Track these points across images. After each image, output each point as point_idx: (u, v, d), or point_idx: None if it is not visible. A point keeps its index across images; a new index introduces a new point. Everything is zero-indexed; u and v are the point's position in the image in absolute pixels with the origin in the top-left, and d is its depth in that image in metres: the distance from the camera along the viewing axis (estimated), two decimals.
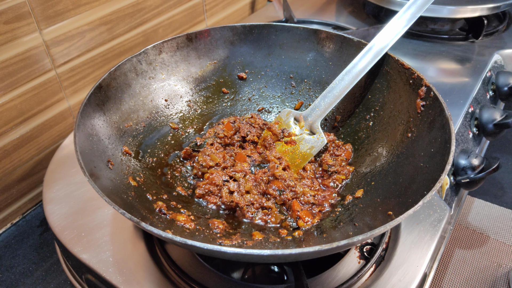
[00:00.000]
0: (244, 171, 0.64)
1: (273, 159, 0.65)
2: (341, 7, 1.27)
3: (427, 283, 0.61)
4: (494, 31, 1.10)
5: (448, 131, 0.53)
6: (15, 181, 0.79)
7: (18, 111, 0.74)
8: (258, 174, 0.63)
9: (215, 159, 0.66)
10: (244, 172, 0.64)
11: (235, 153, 0.68)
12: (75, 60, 0.81)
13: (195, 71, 0.76)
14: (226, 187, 0.62)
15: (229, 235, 0.56)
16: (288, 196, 0.61)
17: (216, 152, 0.68)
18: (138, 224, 0.43)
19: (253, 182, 0.63)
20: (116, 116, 0.64)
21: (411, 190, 0.53)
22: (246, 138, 0.71)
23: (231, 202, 0.61)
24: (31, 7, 0.70)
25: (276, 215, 0.60)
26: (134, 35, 0.92)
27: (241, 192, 0.62)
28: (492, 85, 0.97)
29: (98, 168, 0.54)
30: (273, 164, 0.63)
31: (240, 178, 0.63)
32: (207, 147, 0.69)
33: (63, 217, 0.63)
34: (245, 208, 0.60)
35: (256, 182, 0.63)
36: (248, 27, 0.77)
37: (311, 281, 0.56)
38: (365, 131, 0.69)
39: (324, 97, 0.68)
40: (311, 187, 0.64)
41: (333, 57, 0.75)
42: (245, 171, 0.64)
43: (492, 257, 0.80)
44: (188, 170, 0.68)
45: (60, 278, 0.71)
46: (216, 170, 0.65)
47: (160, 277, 0.56)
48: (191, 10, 1.06)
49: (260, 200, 0.61)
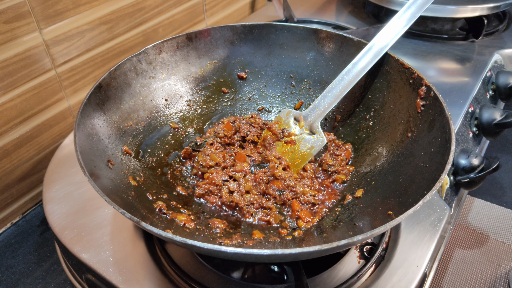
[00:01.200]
0: (244, 171, 0.64)
1: (273, 159, 0.65)
2: (341, 6, 1.27)
3: (427, 283, 0.61)
4: (494, 30, 1.10)
5: (448, 130, 0.53)
6: (15, 180, 0.79)
7: (18, 111, 0.74)
8: (258, 174, 0.63)
9: (215, 158, 0.66)
10: (244, 172, 0.64)
11: (235, 153, 0.68)
12: (75, 60, 0.81)
13: (195, 70, 0.76)
14: (226, 187, 0.62)
15: (229, 235, 0.56)
16: (288, 196, 0.61)
17: (216, 152, 0.68)
18: (138, 223, 0.43)
19: (253, 182, 0.63)
20: (116, 116, 0.64)
21: (411, 190, 0.53)
22: (246, 138, 0.71)
23: (231, 202, 0.61)
24: (31, 7, 0.70)
25: (275, 215, 0.60)
26: (134, 34, 0.92)
27: (241, 192, 0.62)
28: (492, 84, 0.97)
29: (98, 168, 0.54)
30: (273, 164, 0.63)
31: (240, 178, 0.63)
32: (207, 147, 0.69)
33: (63, 217, 0.63)
34: (244, 208, 0.60)
35: (256, 182, 0.63)
36: (248, 26, 0.77)
37: (311, 280, 0.56)
38: (365, 131, 0.69)
39: (324, 97, 0.68)
40: (311, 187, 0.64)
41: (333, 56, 0.75)
42: (245, 171, 0.64)
43: (492, 256, 0.80)
44: (188, 170, 0.68)
45: (60, 277, 0.71)
46: (216, 170, 0.65)
47: (160, 277, 0.56)
48: (191, 9, 1.06)
49: (260, 200, 0.61)
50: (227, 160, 0.67)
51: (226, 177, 0.64)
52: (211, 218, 0.59)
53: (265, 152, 0.68)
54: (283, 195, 0.60)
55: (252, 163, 0.67)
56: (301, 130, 0.70)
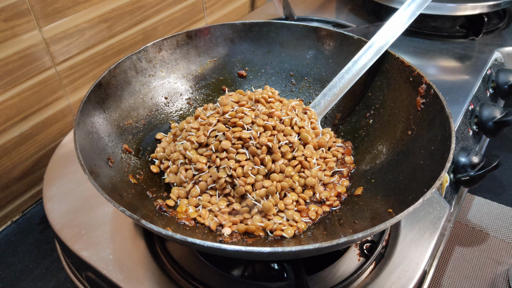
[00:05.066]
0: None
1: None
2: (341, 4, 1.27)
3: (427, 280, 0.62)
4: (494, 28, 1.10)
5: (448, 129, 0.53)
6: (15, 179, 0.79)
7: (17, 109, 0.74)
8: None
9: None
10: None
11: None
12: (74, 58, 0.81)
13: (195, 68, 0.76)
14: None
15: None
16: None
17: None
18: (138, 221, 0.43)
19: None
20: (116, 114, 0.64)
21: (411, 188, 0.53)
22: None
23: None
24: (30, 5, 0.70)
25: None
26: (134, 32, 0.92)
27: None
28: (492, 82, 0.97)
29: (98, 166, 0.54)
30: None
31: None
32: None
33: (63, 215, 0.63)
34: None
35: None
36: (248, 24, 0.77)
37: (311, 278, 0.56)
38: (365, 129, 0.69)
39: (324, 95, 0.68)
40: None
41: (333, 54, 0.75)
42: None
43: (492, 254, 0.80)
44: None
45: (60, 275, 0.71)
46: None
47: (160, 275, 0.56)
48: (191, 7, 1.05)
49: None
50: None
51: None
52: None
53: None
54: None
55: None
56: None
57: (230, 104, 0.62)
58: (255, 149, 0.58)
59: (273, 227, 0.55)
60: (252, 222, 0.56)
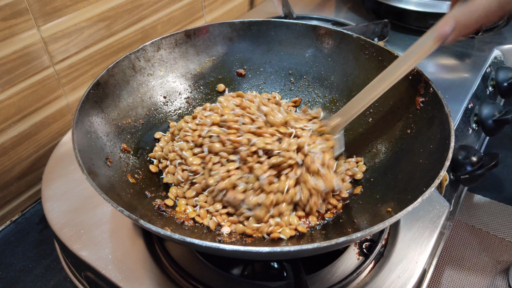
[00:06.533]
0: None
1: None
2: (341, 2, 1.27)
3: (426, 279, 0.62)
4: (494, 26, 1.10)
5: (447, 127, 0.53)
6: (14, 178, 0.79)
7: (16, 109, 0.74)
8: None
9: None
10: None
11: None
12: (73, 57, 0.81)
13: (194, 67, 0.76)
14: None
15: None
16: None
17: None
18: (136, 221, 0.43)
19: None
20: (114, 113, 0.64)
21: (410, 187, 0.53)
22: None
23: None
24: (28, 4, 0.70)
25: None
26: (133, 31, 0.92)
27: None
28: (492, 81, 0.96)
29: (96, 166, 0.54)
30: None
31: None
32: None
33: (62, 215, 0.63)
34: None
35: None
36: (246, 23, 0.76)
37: (310, 277, 0.56)
38: (364, 128, 0.69)
39: (353, 104, 0.62)
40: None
41: (332, 53, 0.74)
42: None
43: (492, 252, 0.80)
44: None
45: (59, 275, 0.71)
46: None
47: (159, 274, 0.56)
48: (189, 6, 1.05)
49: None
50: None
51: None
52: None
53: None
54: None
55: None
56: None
57: (231, 107, 0.62)
58: (245, 156, 0.57)
59: (269, 230, 0.54)
60: (248, 225, 0.55)
